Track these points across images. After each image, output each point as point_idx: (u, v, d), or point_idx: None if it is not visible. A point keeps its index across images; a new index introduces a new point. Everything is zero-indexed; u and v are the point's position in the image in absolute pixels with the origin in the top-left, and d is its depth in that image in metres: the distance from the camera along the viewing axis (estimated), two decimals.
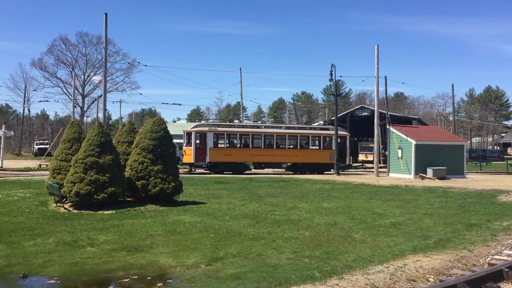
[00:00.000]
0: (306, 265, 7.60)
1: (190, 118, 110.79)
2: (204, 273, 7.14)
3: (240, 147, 31.99)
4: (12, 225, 10.93)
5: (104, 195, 13.20)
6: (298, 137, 33.47)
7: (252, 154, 32.26)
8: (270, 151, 32.37)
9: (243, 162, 32.02)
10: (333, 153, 33.16)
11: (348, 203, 15.29)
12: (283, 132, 33.38)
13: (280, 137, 33.14)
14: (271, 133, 32.92)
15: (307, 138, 33.87)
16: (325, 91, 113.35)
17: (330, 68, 32.41)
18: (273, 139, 32.80)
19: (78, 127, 16.90)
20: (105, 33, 29.31)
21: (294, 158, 33.22)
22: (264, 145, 32.55)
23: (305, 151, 33.48)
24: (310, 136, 33.98)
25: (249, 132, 32.56)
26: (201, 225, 11.16)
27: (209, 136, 30.91)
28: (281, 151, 32.80)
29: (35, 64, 69.25)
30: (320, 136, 34.08)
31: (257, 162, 32.93)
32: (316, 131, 34.86)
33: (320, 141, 33.95)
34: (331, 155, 33.21)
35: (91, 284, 6.83)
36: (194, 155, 30.59)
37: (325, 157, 33.41)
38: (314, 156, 33.47)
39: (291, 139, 33.57)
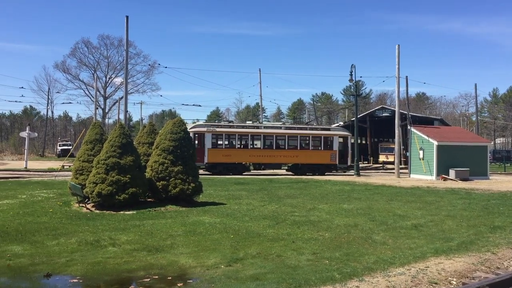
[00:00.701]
0: (326, 267, 7.56)
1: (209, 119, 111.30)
2: (223, 273, 7.17)
3: (239, 147, 31.56)
4: (36, 225, 11.14)
5: (125, 195, 13.36)
6: (298, 138, 32.85)
7: (251, 155, 31.79)
8: (270, 151, 31.94)
9: (242, 163, 31.61)
10: (334, 153, 32.79)
11: (368, 205, 15.16)
12: (283, 133, 32.76)
13: (280, 137, 32.60)
14: (270, 133, 32.44)
15: (308, 138, 33.24)
16: (345, 92, 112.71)
17: (350, 69, 32.21)
18: (273, 139, 32.31)
19: (100, 129, 17.13)
20: (126, 36, 29.68)
21: (295, 159, 32.69)
22: (263, 145, 32.16)
23: (306, 151, 32.91)
24: (311, 136, 33.34)
25: (248, 133, 32.07)
26: (220, 225, 11.20)
27: (207, 137, 30.60)
28: (281, 152, 32.31)
29: (58, 66, 70.68)
30: (321, 136, 33.43)
31: (257, 163, 32.45)
32: (317, 132, 34.25)
33: (321, 141, 33.32)
34: (332, 156, 32.81)
35: (113, 284, 6.91)
36: None
37: (326, 158, 32.92)
38: (315, 157, 32.88)
39: (291, 139, 32.97)
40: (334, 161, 32.82)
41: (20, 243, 9.29)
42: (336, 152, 33.00)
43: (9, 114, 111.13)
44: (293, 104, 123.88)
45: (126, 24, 28.98)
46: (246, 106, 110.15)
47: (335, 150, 33.02)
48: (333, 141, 33.33)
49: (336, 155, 33.05)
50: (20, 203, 14.76)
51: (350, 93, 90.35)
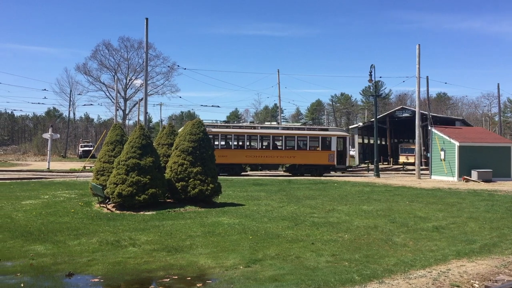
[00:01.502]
0: (345, 268, 7.51)
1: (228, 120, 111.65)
2: (242, 274, 7.17)
3: (236, 148, 31.27)
4: (58, 225, 11.33)
5: (145, 196, 13.48)
6: (296, 138, 32.43)
7: (247, 156, 31.30)
8: (267, 152, 31.58)
9: (238, 163, 31.27)
10: (332, 154, 32.34)
11: (388, 206, 15.00)
12: (280, 133, 32.40)
13: (277, 137, 32.23)
14: (267, 133, 32.10)
15: (305, 139, 32.77)
16: (364, 92, 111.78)
17: (369, 69, 31.96)
18: (269, 139, 31.97)
19: (120, 130, 17.33)
20: (146, 38, 29.99)
21: (292, 160, 32.22)
22: (260, 146, 31.83)
23: (303, 152, 32.42)
24: (309, 137, 32.86)
25: (245, 133, 31.65)
26: (239, 226, 11.22)
27: None
28: (278, 152, 31.94)
29: (79, 69, 71.87)
30: (318, 137, 32.95)
31: (253, 164, 32.03)
32: (314, 132, 33.79)
33: (319, 142, 32.87)
34: (330, 156, 32.34)
35: (133, 284, 6.98)
36: None
37: (324, 158, 32.42)
38: (313, 158, 32.40)
39: (288, 140, 32.59)
40: (332, 162, 32.35)
41: (43, 242, 9.45)
42: (334, 153, 32.55)
43: (33, 116, 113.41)
44: (312, 105, 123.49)
45: (146, 26, 29.27)
46: (264, 107, 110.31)
47: (333, 151, 32.55)
48: (331, 142, 32.85)
49: (334, 155, 32.58)
50: (43, 203, 15.03)
51: (370, 94, 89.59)
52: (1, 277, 7.04)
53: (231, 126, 32.47)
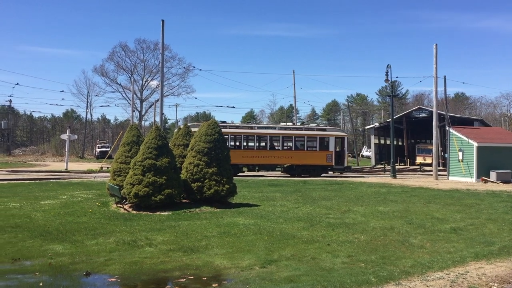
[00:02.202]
0: (361, 270, 7.46)
1: (243, 121, 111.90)
2: (258, 275, 7.18)
3: (233, 148, 30.50)
4: (76, 225, 11.47)
5: (161, 196, 13.57)
6: (293, 138, 32.16)
7: (244, 156, 31.01)
8: (264, 152, 31.29)
9: (235, 164, 30.90)
10: (330, 154, 32.04)
11: (405, 207, 14.86)
12: (277, 133, 32.13)
13: (275, 138, 31.98)
14: (264, 133, 31.84)
15: (303, 139, 32.44)
16: (380, 92, 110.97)
17: (385, 69, 31.71)
18: (267, 140, 31.72)
19: (137, 131, 17.48)
20: (162, 39, 30.19)
21: (289, 160, 31.90)
22: (257, 146, 31.57)
23: (301, 152, 32.18)
24: (306, 137, 32.53)
25: (241, 133, 31.42)
26: (255, 227, 11.23)
27: None
28: (275, 153, 31.69)
29: (97, 70, 72.83)
30: (316, 137, 32.61)
31: (250, 164, 31.78)
32: (312, 132, 33.44)
33: (317, 142, 32.54)
34: (328, 157, 32.04)
35: (150, 283, 7.03)
36: None
37: (322, 159, 32.08)
38: (310, 158, 32.09)
39: (286, 140, 32.30)
40: (330, 162, 32.07)
41: (61, 242, 9.58)
42: (332, 153, 32.27)
43: (51, 117, 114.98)
44: (327, 105, 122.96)
45: (162, 28, 29.47)
46: (280, 108, 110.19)
47: (331, 151, 32.27)
48: (329, 142, 32.55)
49: (333, 156, 32.30)
50: (61, 203, 15.23)
51: (386, 94, 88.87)
52: (20, 276, 7.16)
53: (228, 126, 32.18)
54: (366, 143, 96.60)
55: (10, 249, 8.96)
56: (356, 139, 79.92)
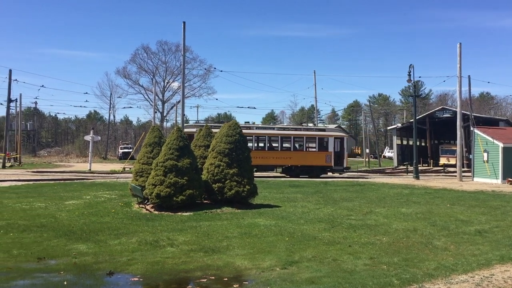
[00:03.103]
0: (384, 272, 7.38)
1: (264, 121, 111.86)
2: (279, 276, 7.16)
3: None
4: (100, 225, 11.64)
5: (183, 197, 13.66)
6: (292, 139, 31.73)
7: None
8: (262, 153, 30.72)
9: None
10: (329, 155, 31.56)
11: (428, 209, 14.64)
12: (275, 133, 31.81)
13: (273, 138, 31.58)
14: (263, 134, 31.51)
15: (302, 139, 32.03)
16: (403, 93, 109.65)
17: (408, 69, 31.33)
18: (265, 140, 31.34)
19: (159, 132, 17.64)
20: (183, 41, 30.42)
21: (288, 161, 31.48)
22: (255, 146, 31.11)
23: (300, 153, 31.78)
24: (305, 137, 32.09)
25: None
26: (275, 228, 11.21)
27: None
28: (273, 153, 31.22)
29: (119, 72, 73.66)
30: (315, 137, 32.12)
31: None
32: (311, 132, 32.98)
33: (316, 142, 32.05)
34: (327, 157, 31.56)
35: (171, 283, 7.09)
36: None
37: (321, 159, 31.58)
38: (309, 159, 31.64)
39: (284, 140, 31.85)
40: (329, 163, 31.66)
41: (85, 242, 9.73)
42: (331, 154, 31.82)
43: (75, 119, 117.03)
44: (349, 105, 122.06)
45: (183, 29, 29.70)
46: (300, 109, 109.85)
47: (330, 152, 31.80)
48: (328, 142, 32.08)
49: (332, 156, 31.85)
50: (85, 203, 15.48)
51: (409, 94, 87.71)
52: (45, 275, 7.30)
53: None
54: (388, 144, 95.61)
55: (36, 248, 9.14)
56: (378, 139, 79.09)
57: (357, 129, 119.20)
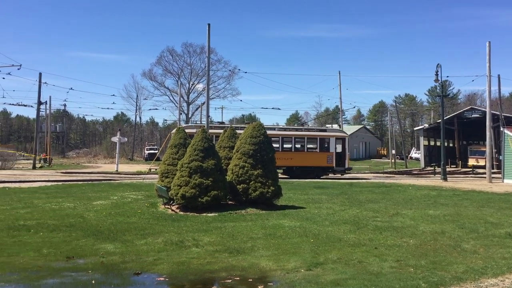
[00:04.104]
0: (410, 275, 7.26)
1: (288, 122, 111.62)
2: (304, 277, 7.13)
3: None
4: (126, 225, 11.81)
5: (208, 198, 13.75)
6: (292, 139, 31.39)
7: None
8: None
9: None
10: (330, 156, 31.08)
11: (456, 211, 14.35)
12: (276, 134, 31.28)
13: (274, 138, 30.62)
14: None
15: (303, 140, 31.58)
16: (430, 93, 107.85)
17: (435, 68, 30.78)
18: None
19: (184, 133, 17.79)
20: (208, 43, 30.61)
21: (289, 162, 31.04)
22: None
23: (300, 154, 31.36)
24: (306, 138, 31.65)
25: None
26: (300, 229, 11.17)
27: None
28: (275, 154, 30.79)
29: (145, 75, 74.83)
30: (316, 138, 31.68)
31: None
32: (312, 133, 32.48)
33: (317, 143, 31.62)
34: (328, 158, 31.10)
35: (197, 283, 7.14)
36: None
37: (322, 160, 31.11)
38: (310, 160, 31.24)
39: (285, 141, 31.50)
40: (330, 164, 31.22)
41: (112, 241, 9.89)
42: (333, 154, 31.39)
43: (102, 121, 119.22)
44: (374, 106, 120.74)
45: (208, 31, 29.89)
46: (325, 109, 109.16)
47: (331, 152, 31.39)
48: (330, 143, 31.64)
49: (333, 157, 31.40)
50: (112, 204, 15.73)
51: (436, 94, 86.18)
52: (74, 274, 7.45)
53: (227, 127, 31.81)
54: (415, 145, 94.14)
55: (65, 247, 9.34)
56: (404, 140, 77.97)
57: (382, 130, 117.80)
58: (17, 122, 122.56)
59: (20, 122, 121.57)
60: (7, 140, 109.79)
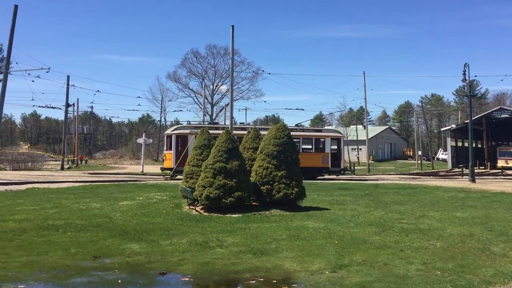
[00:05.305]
0: (437, 278, 7.13)
1: (312, 123, 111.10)
2: (328, 279, 7.08)
3: None
4: (152, 225, 11.95)
5: (232, 199, 13.79)
6: None
7: None
8: None
9: None
10: (326, 156, 30.55)
11: (485, 213, 14.03)
12: None
13: None
14: None
15: (298, 140, 30.82)
16: (457, 93, 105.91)
17: (463, 68, 30.17)
18: None
19: (208, 135, 17.91)
20: (232, 45, 30.73)
21: None
22: None
23: None
24: (301, 138, 31.14)
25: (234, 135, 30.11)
26: (324, 231, 11.10)
27: (191, 139, 29.04)
28: None
29: (170, 76, 75.60)
30: (312, 138, 31.22)
31: None
32: (308, 133, 31.91)
33: (312, 143, 31.15)
34: (324, 159, 30.59)
35: (221, 284, 7.17)
36: (174, 160, 28.91)
37: (317, 161, 30.60)
38: (305, 160, 29.88)
39: None
40: (326, 165, 30.75)
41: (138, 241, 10.02)
42: (328, 155, 30.93)
43: (128, 122, 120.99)
44: (400, 106, 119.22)
45: (232, 33, 29.99)
46: (349, 110, 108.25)
47: (327, 153, 30.94)
48: (325, 143, 31.16)
49: (329, 158, 30.94)
50: (138, 204, 15.94)
51: (463, 94, 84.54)
52: (101, 273, 7.57)
53: (220, 128, 31.28)
54: (441, 146, 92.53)
55: (92, 247, 9.51)
56: (430, 141, 76.66)
57: (408, 131, 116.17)
58: (46, 124, 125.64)
59: (49, 124, 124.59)
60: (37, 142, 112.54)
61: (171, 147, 30.07)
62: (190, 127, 31.53)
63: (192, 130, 30.21)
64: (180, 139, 30.01)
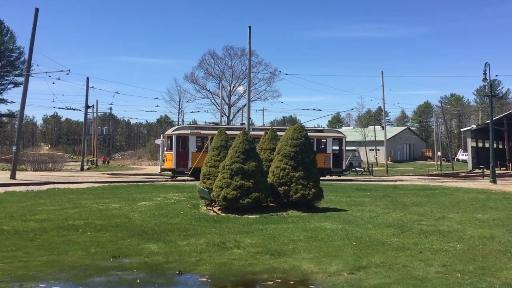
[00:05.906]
0: (458, 280, 7.03)
1: (330, 124, 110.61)
2: (346, 281, 7.03)
3: None
4: (170, 226, 12.03)
5: (249, 200, 13.81)
6: None
7: None
8: None
9: None
10: (327, 157, 30.16)
11: (507, 215, 13.78)
12: None
13: None
14: (258, 135, 29.82)
15: None
16: (478, 92, 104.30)
17: (483, 67, 29.70)
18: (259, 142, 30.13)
19: (225, 135, 17.96)
20: (249, 45, 30.78)
21: None
22: None
23: None
24: None
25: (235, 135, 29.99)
26: (342, 232, 11.03)
27: (191, 140, 29.20)
28: None
29: (187, 78, 76.01)
30: (313, 138, 30.21)
31: None
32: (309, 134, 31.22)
33: (313, 144, 30.10)
34: (325, 159, 30.16)
35: (238, 285, 7.17)
36: (175, 161, 28.85)
37: (319, 161, 29.74)
38: None
39: None
40: (327, 165, 30.35)
41: (156, 242, 10.10)
42: (330, 155, 30.58)
43: (146, 123, 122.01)
44: (419, 107, 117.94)
45: (249, 34, 30.04)
46: (367, 111, 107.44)
47: (328, 153, 30.58)
48: (327, 144, 30.79)
49: (330, 158, 30.59)
50: (156, 205, 16.07)
51: (484, 94, 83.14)
52: (120, 273, 7.65)
53: (235, 129, 31.31)
54: (461, 146, 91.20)
55: (111, 247, 9.62)
56: (450, 142, 75.62)
57: (428, 131, 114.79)
58: (66, 125, 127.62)
59: (69, 125, 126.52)
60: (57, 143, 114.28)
61: (171, 147, 30.05)
62: (191, 127, 31.40)
63: (192, 131, 30.19)
64: (180, 139, 30.04)
